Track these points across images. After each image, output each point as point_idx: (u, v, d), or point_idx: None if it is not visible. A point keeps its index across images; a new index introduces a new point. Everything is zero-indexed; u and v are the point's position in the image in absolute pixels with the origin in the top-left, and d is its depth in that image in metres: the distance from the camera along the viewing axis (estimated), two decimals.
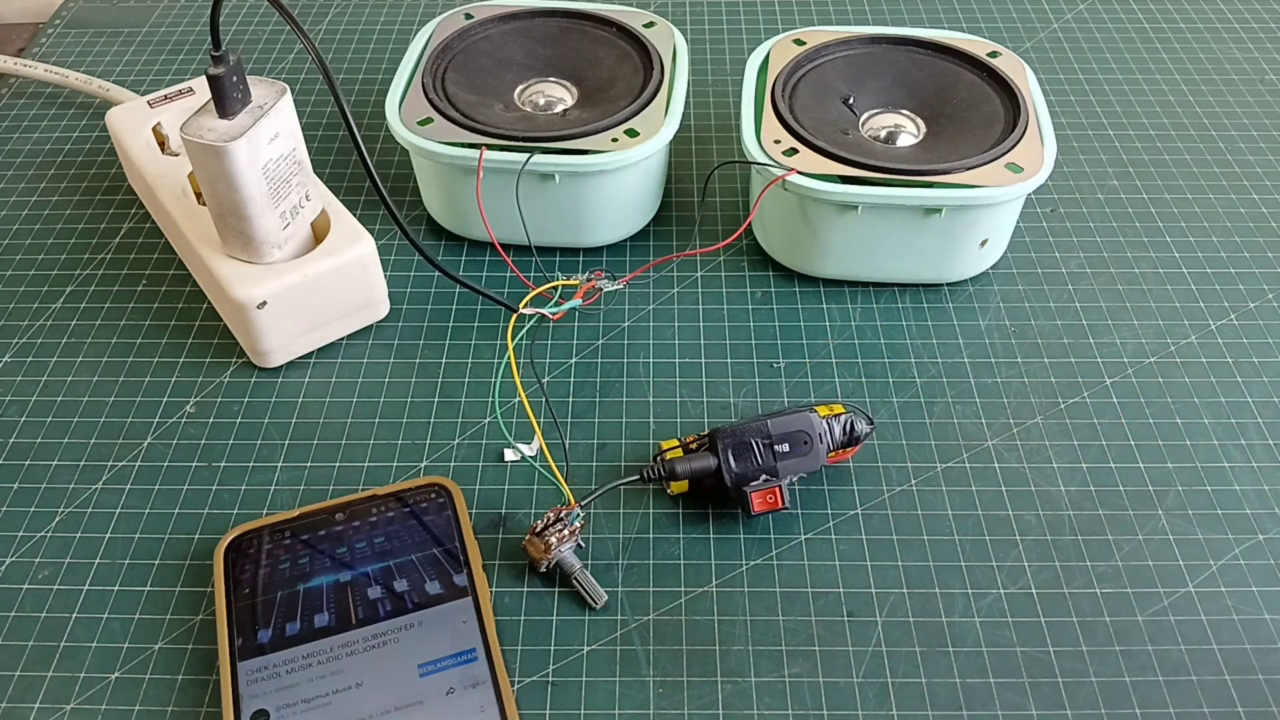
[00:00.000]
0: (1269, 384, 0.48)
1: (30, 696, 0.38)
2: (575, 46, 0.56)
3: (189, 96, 0.55)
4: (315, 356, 0.49)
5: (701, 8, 0.72)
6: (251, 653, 0.37)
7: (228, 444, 0.45)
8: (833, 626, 0.39)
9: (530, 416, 0.45)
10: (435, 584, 0.39)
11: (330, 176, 0.58)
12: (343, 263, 0.47)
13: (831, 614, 0.40)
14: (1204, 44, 0.69)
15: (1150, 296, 0.52)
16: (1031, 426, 0.46)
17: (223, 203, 0.44)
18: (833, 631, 0.39)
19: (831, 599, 0.40)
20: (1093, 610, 0.40)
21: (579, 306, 0.47)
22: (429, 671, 0.37)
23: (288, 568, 0.40)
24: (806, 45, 0.54)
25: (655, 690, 0.38)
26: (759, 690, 0.38)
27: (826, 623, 0.39)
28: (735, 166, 0.59)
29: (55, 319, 0.51)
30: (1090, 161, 0.60)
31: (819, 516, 0.43)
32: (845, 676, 0.38)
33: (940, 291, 0.52)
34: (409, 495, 0.42)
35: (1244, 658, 0.39)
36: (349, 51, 0.68)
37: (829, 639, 0.39)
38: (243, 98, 0.42)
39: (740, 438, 0.41)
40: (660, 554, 0.42)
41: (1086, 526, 0.42)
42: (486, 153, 0.49)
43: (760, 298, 0.52)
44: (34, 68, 0.64)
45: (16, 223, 0.56)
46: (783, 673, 0.38)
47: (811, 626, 0.39)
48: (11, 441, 0.46)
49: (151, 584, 0.41)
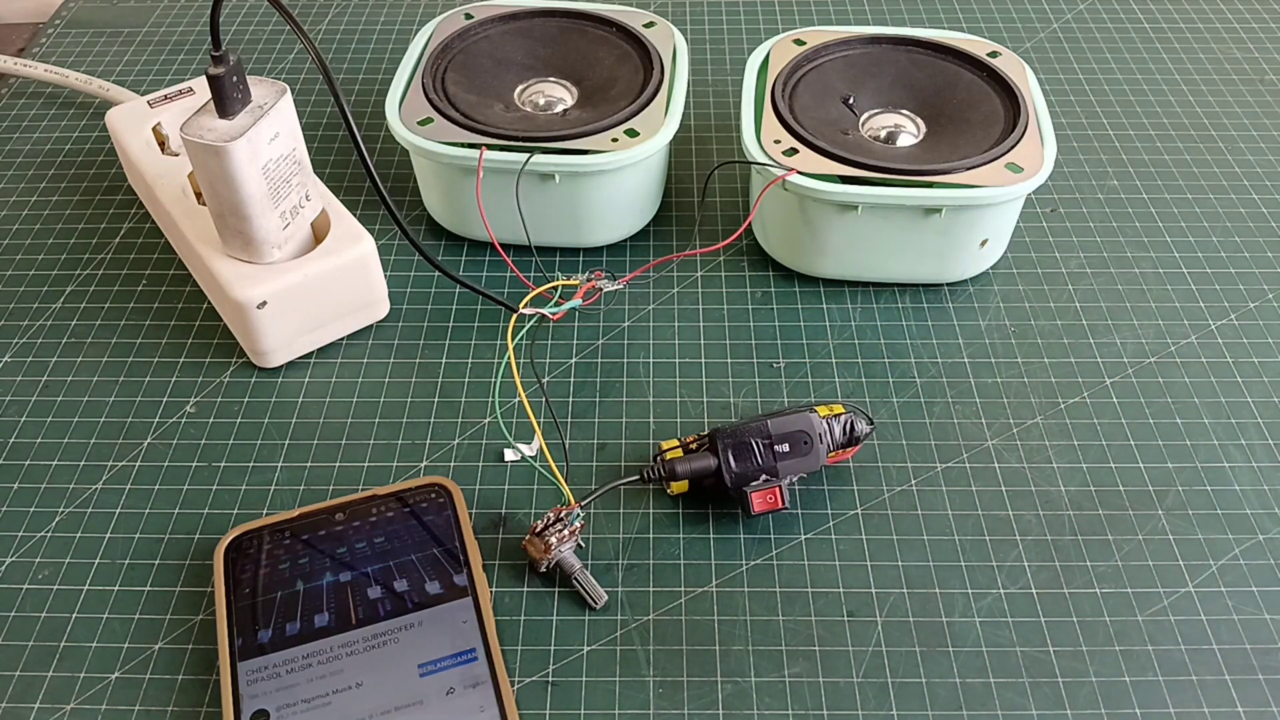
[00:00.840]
0: (1269, 384, 0.48)
1: (30, 696, 0.38)
2: (575, 46, 0.56)
3: (189, 96, 0.55)
4: (315, 356, 0.49)
5: (701, 8, 0.72)
6: (251, 653, 0.37)
7: (228, 444, 0.45)
8: (833, 626, 0.39)
9: (530, 416, 0.45)
10: (435, 584, 0.39)
11: (330, 176, 0.58)
12: (343, 263, 0.47)
13: (831, 614, 0.40)
14: (1204, 44, 0.69)
15: (1150, 296, 0.52)
16: (1031, 426, 0.46)
17: (223, 203, 0.44)
18: (833, 631, 0.39)
19: (831, 599, 0.40)
20: (1093, 610, 0.40)
21: (579, 306, 0.47)
22: (429, 671, 0.37)
23: (288, 568, 0.40)
24: (806, 45, 0.54)
25: (655, 690, 0.38)
26: (759, 690, 0.38)
27: (826, 623, 0.39)
28: (735, 167, 0.59)
29: (55, 319, 0.51)
30: (1090, 161, 0.60)
31: (819, 516, 0.43)
32: (845, 676, 0.38)
33: (940, 291, 0.52)
34: (409, 495, 0.42)
35: (1244, 658, 0.39)
36: (349, 51, 0.68)
37: (829, 639, 0.39)
38: (243, 98, 0.42)
39: (740, 438, 0.41)
40: (660, 554, 0.42)
41: (1086, 526, 0.42)
42: (486, 153, 0.49)
43: (760, 298, 0.52)
44: (34, 68, 0.64)
45: (16, 223, 0.56)
46: (783, 673, 0.38)
47: (811, 626, 0.39)
48: (11, 441, 0.46)
49: (151, 584, 0.41)
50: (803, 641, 0.39)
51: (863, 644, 0.39)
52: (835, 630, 0.39)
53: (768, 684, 0.38)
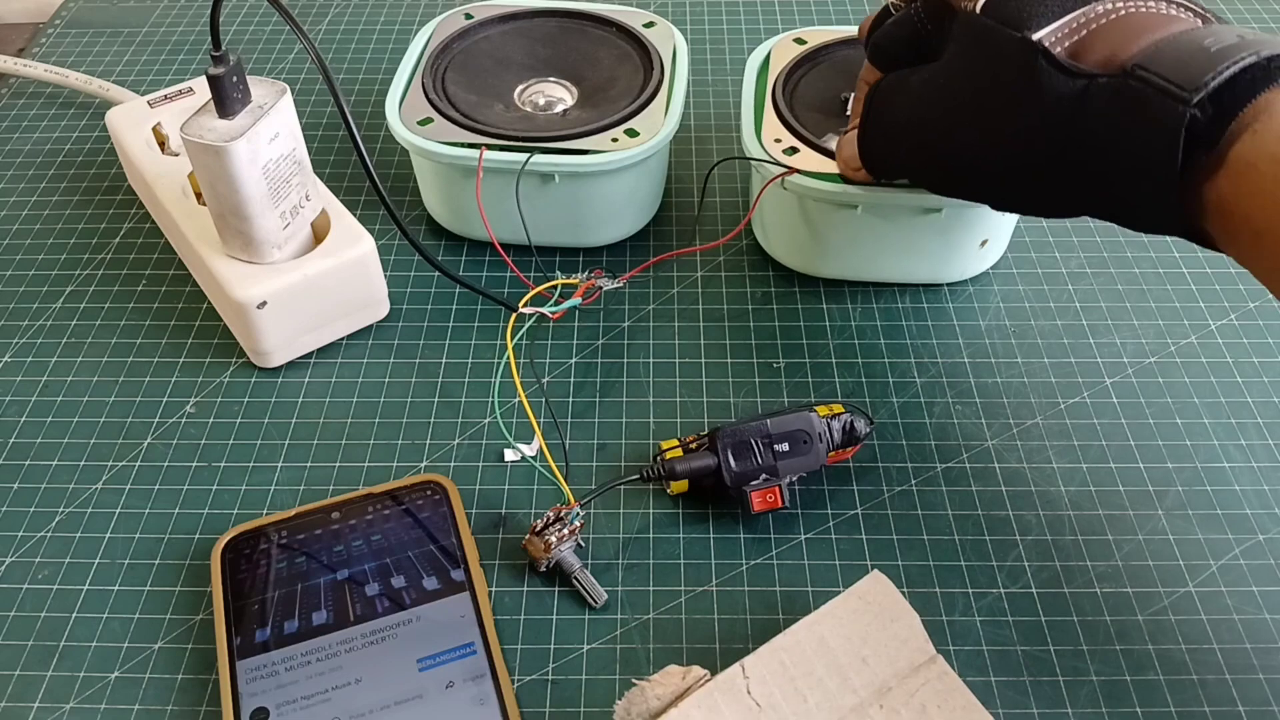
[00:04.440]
0: (1269, 384, 0.48)
1: (30, 696, 0.38)
2: (575, 46, 0.56)
3: (189, 96, 0.55)
4: (315, 356, 0.49)
5: (701, 8, 0.72)
6: (250, 651, 0.37)
7: (228, 444, 0.45)
8: None
9: (530, 416, 0.45)
10: (433, 579, 0.39)
11: (330, 176, 0.58)
12: (343, 263, 0.47)
13: None
14: None
15: (1150, 296, 0.52)
16: (1031, 426, 0.46)
17: (223, 203, 0.44)
18: None
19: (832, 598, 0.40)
20: (1093, 610, 0.40)
21: (579, 305, 0.47)
22: (428, 666, 0.37)
23: (285, 566, 0.40)
24: (807, 44, 0.54)
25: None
26: None
27: None
28: (736, 168, 0.59)
29: (55, 319, 0.51)
30: None
31: (819, 516, 0.43)
32: None
33: (940, 291, 0.52)
34: (404, 493, 0.42)
35: (1244, 657, 0.38)
36: (349, 51, 0.68)
37: None
38: (243, 98, 0.42)
39: (740, 437, 0.41)
40: (660, 553, 0.42)
41: (1086, 526, 0.42)
42: (486, 153, 0.49)
43: (760, 298, 0.52)
44: (34, 68, 0.64)
45: (16, 223, 0.56)
46: None
47: None
48: (11, 441, 0.46)
49: (151, 584, 0.41)
50: None
51: None
52: None
53: None
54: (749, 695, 0.34)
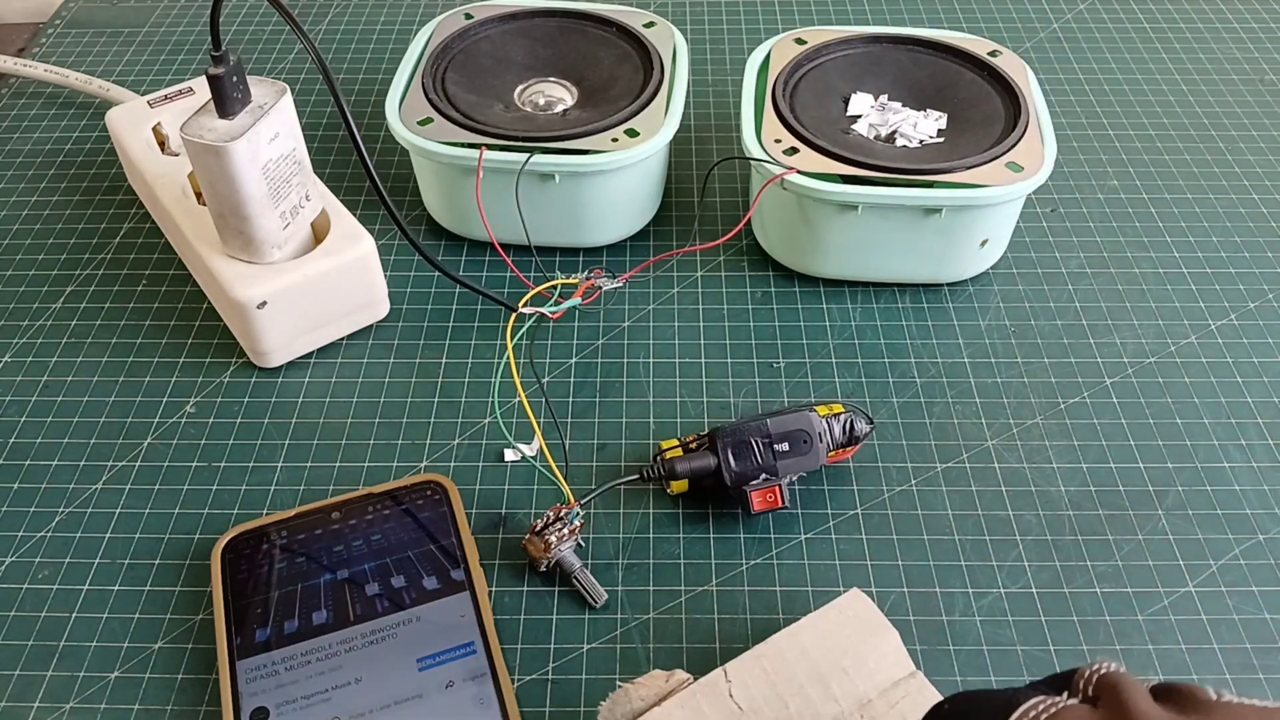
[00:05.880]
0: (1269, 384, 0.48)
1: (30, 696, 0.38)
2: (575, 46, 0.56)
3: (189, 96, 0.55)
4: (315, 356, 0.49)
5: (701, 8, 0.72)
6: (250, 651, 0.37)
7: (228, 444, 0.45)
8: None
9: (530, 416, 0.45)
10: (432, 579, 0.39)
11: (330, 176, 0.58)
12: (343, 263, 0.47)
13: None
14: (1204, 44, 0.69)
15: (1150, 296, 0.52)
16: (1031, 426, 0.46)
17: (223, 203, 0.44)
18: None
19: (832, 598, 0.40)
20: (1093, 610, 0.40)
21: (578, 305, 0.47)
22: (428, 665, 0.37)
23: (285, 566, 0.40)
24: (807, 44, 0.54)
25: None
26: None
27: None
28: (736, 168, 0.59)
29: (55, 319, 0.51)
30: (1090, 161, 0.60)
31: (819, 516, 0.43)
32: None
33: (940, 291, 0.52)
34: (404, 493, 0.42)
35: (1244, 657, 0.38)
36: (349, 51, 0.68)
37: None
38: (243, 98, 0.42)
39: (740, 437, 0.41)
40: (660, 553, 0.42)
41: (1086, 526, 0.42)
42: (486, 153, 0.49)
43: (760, 297, 0.52)
44: (34, 68, 0.64)
45: (16, 223, 0.56)
46: None
47: None
48: (11, 441, 0.46)
49: (151, 584, 0.41)
50: None
51: None
52: None
53: None
54: (731, 698, 0.34)
